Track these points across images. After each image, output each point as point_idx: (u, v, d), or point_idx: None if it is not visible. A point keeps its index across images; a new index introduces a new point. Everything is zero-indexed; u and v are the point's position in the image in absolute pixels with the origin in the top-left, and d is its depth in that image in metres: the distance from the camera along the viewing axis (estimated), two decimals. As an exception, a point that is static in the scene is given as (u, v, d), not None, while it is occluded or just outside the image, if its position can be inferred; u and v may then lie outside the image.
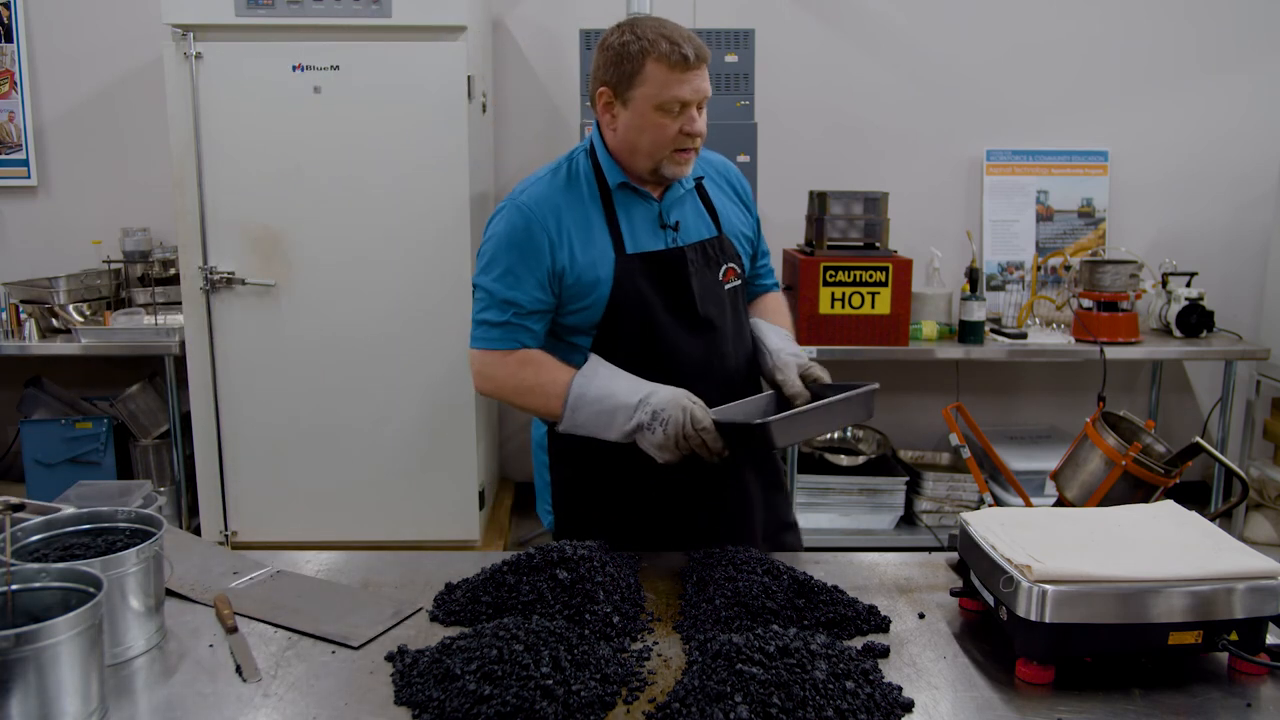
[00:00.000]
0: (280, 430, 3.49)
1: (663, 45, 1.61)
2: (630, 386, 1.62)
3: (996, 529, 1.39)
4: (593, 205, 1.73)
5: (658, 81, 1.62)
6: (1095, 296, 3.60)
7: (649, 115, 1.64)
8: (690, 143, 1.68)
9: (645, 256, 1.72)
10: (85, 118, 4.03)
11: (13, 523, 1.35)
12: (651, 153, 1.68)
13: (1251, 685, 1.25)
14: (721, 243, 1.80)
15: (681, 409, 1.56)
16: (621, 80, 1.65)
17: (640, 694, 1.22)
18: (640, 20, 1.68)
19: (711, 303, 1.76)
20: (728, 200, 1.87)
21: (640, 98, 1.64)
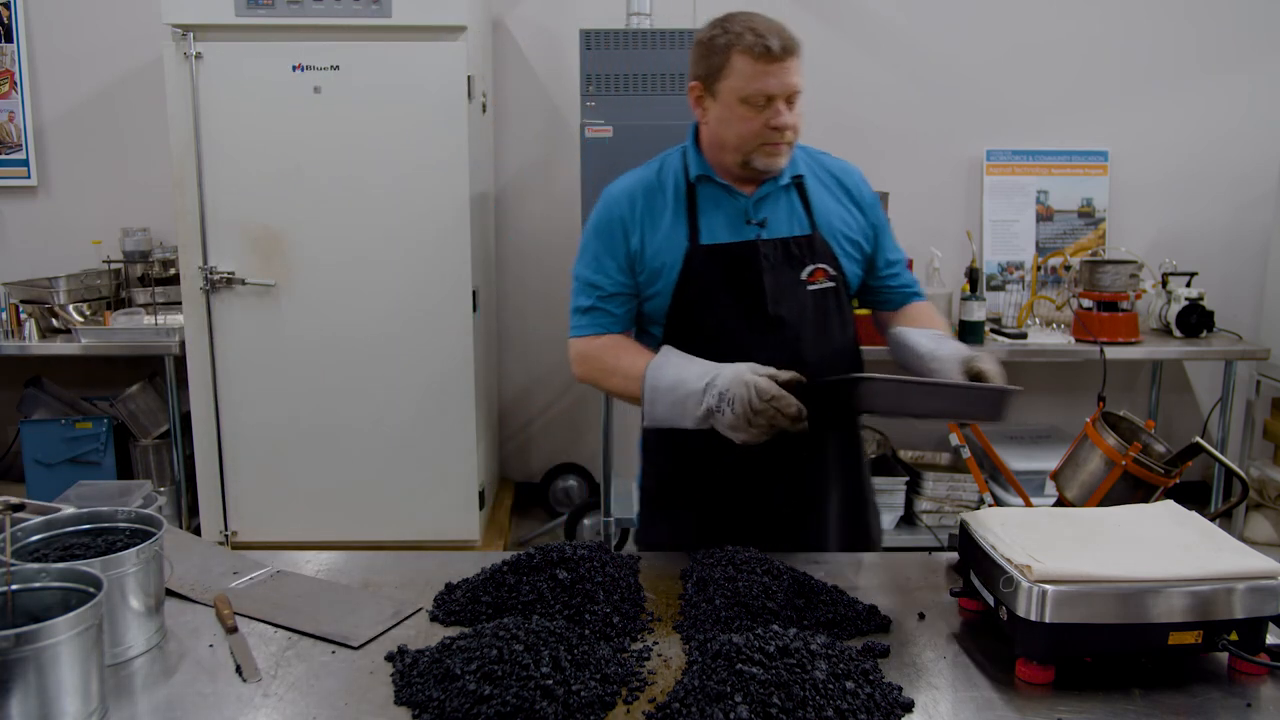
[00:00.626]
0: (280, 430, 3.49)
1: (748, 38, 1.60)
2: (699, 371, 1.56)
3: (996, 529, 1.39)
4: (676, 196, 1.75)
5: (742, 74, 1.61)
6: (1095, 296, 3.59)
7: (734, 108, 1.64)
8: (778, 136, 1.65)
9: (716, 248, 1.71)
10: (85, 118, 4.03)
11: (13, 523, 1.34)
12: (739, 146, 1.67)
13: (1251, 685, 1.25)
14: (812, 242, 1.74)
15: (745, 384, 1.48)
16: (710, 74, 1.65)
17: (640, 694, 1.22)
18: (732, 15, 1.66)
19: (787, 301, 1.71)
20: (834, 201, 1.80)
21: (726, 90, 1.64)
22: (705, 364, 1.58)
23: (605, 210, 1.78)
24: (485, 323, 3.84)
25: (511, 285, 4.24)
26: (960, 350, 1.65)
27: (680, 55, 3.22)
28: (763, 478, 1.76)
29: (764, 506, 1.78)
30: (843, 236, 1.78)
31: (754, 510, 1.78)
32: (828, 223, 1.77)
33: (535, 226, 4.18)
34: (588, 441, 4.31)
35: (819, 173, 1.81)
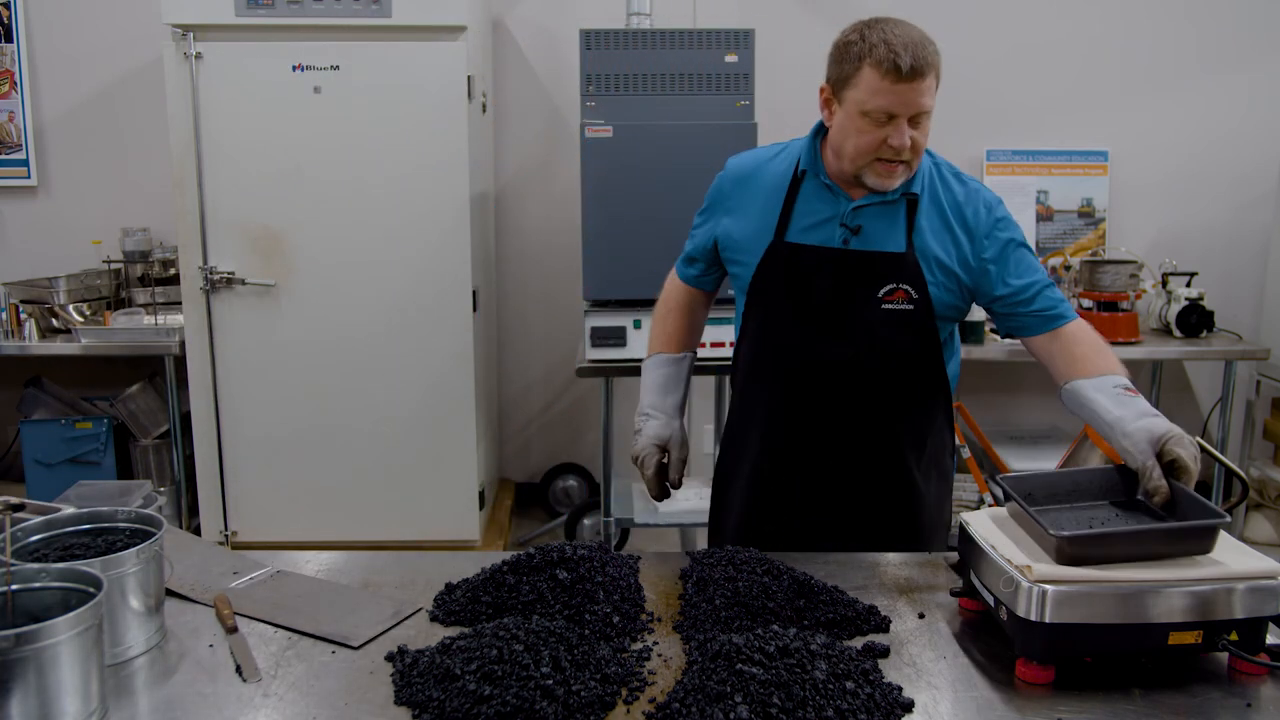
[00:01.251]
0: (280, 430, 3.49)
1: (880, 50, 1.55)
2: (652, 400, 1.87)
3: (996, 529, 1.39)
4: (779, 184, 1.77)
5: (868, 87, 1.57)
6: (1095, 296, 3.59)
7: (855, 119, 1.60)
8: (893, 154, 1.60)
9: (796, 248, 1.73)
10: (85, 118, 4.03)
11: (13, 523, 1.34)
12: (854, 158, 1.64)
13: (1251, 685, 1.25)
14: (901, 261, 1.69)
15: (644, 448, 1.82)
16: (839, 79, 1.62)
17: (640, 694, 1.22)
18: (874, 22, 1.61)
19: (856, 316, 1.70)
20: (941, 225, 1.72)
21: (851, 100, 1.60)
22: (659, 401, 1.87)
23: (719, 182, 1.87)
24: (485, 323, 3.84)
25: (511, 285, 4.24)
26: (1151, 425, 1.45)
27: (680, 55, 3.22)
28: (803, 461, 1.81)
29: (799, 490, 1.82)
30: (938, 263, 1.71)
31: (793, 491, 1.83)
32: (924, 245, 1.71)
33: (535, 226, 4.17)
34: (588, 441, 4.31)
35: (940, 195, 1.74)
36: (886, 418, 1.78)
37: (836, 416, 1.77)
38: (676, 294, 1.98)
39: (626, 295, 3.17)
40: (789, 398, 1.79)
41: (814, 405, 1.77)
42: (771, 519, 1.83)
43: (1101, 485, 1.48)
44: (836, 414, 1.77)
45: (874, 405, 1.76)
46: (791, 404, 1.79)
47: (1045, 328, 1.73)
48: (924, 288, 1.70)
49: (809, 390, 1.77)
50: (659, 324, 1.97)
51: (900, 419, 1.79)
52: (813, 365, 1.75)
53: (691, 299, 1.97)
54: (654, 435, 1.83)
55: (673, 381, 1.90)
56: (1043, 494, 1.44)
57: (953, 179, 1.78)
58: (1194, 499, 1.35)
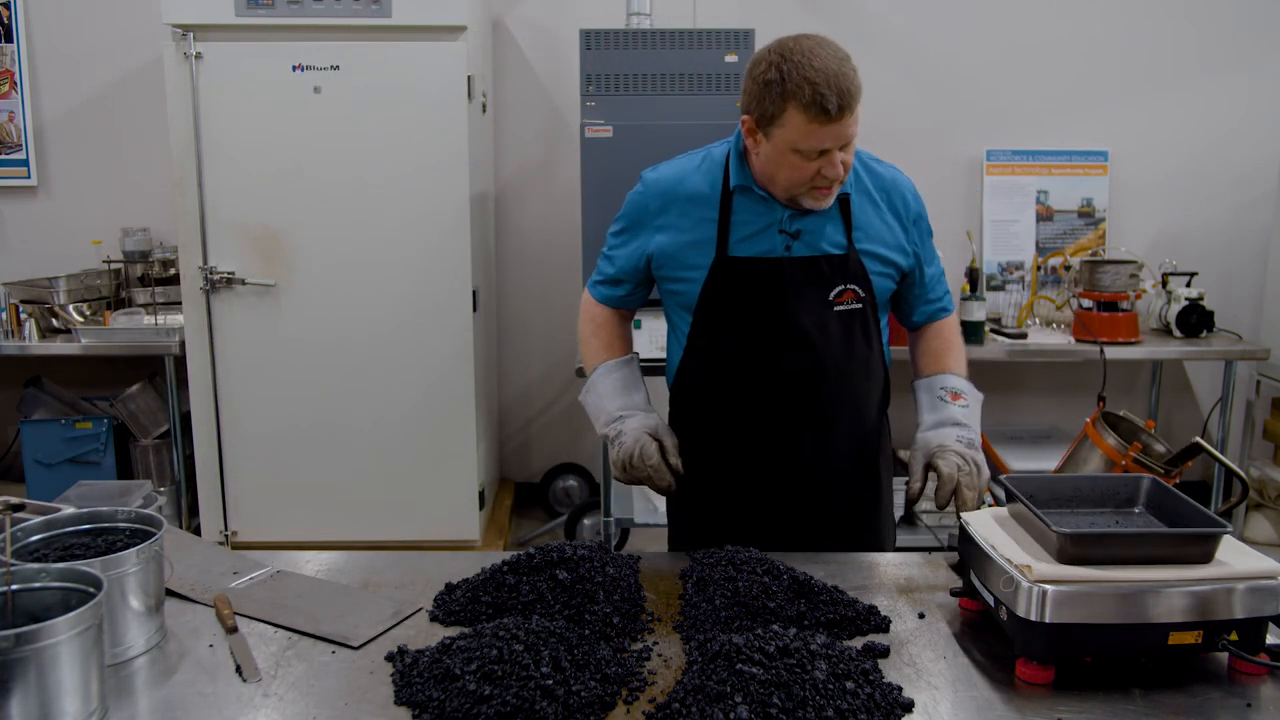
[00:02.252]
0: (280, 430, 3.49)
1: (805, 92, 1.52)
2: (622, 402, 1.79)
3: (996, 529, 1.39)
4: (711, 198, 1.73)
5: (797, 129, 1.55)
6: (1095, 296, 3.59)
7: (785, 155, 1.59)
8: (827, 184, 1.62)
9: (742, 262, 1.70)
10: (85, 118, 4.03)
11: (13, 523, 1.34)
12: (787, 187, 1.64)
13: (1251, 685, 1.25)
14: (845, 261, 1.71)
15: (636, 440, 1.71)
16: (763, 117, 1.60)
17: (640, 694, 1.22)
18: (791, 51, 1.57)
19: (810, 320, 1.70)
20: (877, 217, 1.76)
21: (779, 138, 1.59)
22: (634, 395, 1.80)
23: (640, 198, 1.80)
24: (485, 323, 3.84)
25: (511, 285, 4.24)
26: (936, 436, 1.71)
27: (680, 55, 3.22)
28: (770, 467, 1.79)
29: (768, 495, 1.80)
30: (879, 256, 1.75)
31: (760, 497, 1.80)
32: (866, 241, 1.74)
33: (535, 226, 4.18)
34: (588, 441, 4.32)
35: (867, 184, 1.77)
36: (846, 416, 1.79)
37: (798, 421, 1.76)
38: (599, 313, 1.91)
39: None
40: (748, 408, 1.76)
41: (775, 413, 1.75)
42: (736, 528, 1.78)
43: (1104, 491, 1.48)
44: (798, 419, 1.76)
45: (833, 406, 1.76)
46: (751, 414, 1.76)
47: (933, 318, 1.87)
48: (869, 284, 1.74)
49: (769, 399, 1.75)
50: (591, 341, 1.91)
51: (858, 416, 1.81)
52: (772, 374, 1.73)
53: (616, 316, 1.92)
54: (641, 426, 1.76)
55: (631, 381, 1.84)
56: (1044, 496, 1.45)
57: (874, 164, 1.80)
58: (1197, 510, 1.35)
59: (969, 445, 1.69)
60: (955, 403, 1.76)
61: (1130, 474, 1.61)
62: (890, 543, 1.92)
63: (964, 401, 1.77)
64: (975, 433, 1.74)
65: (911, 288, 1.85)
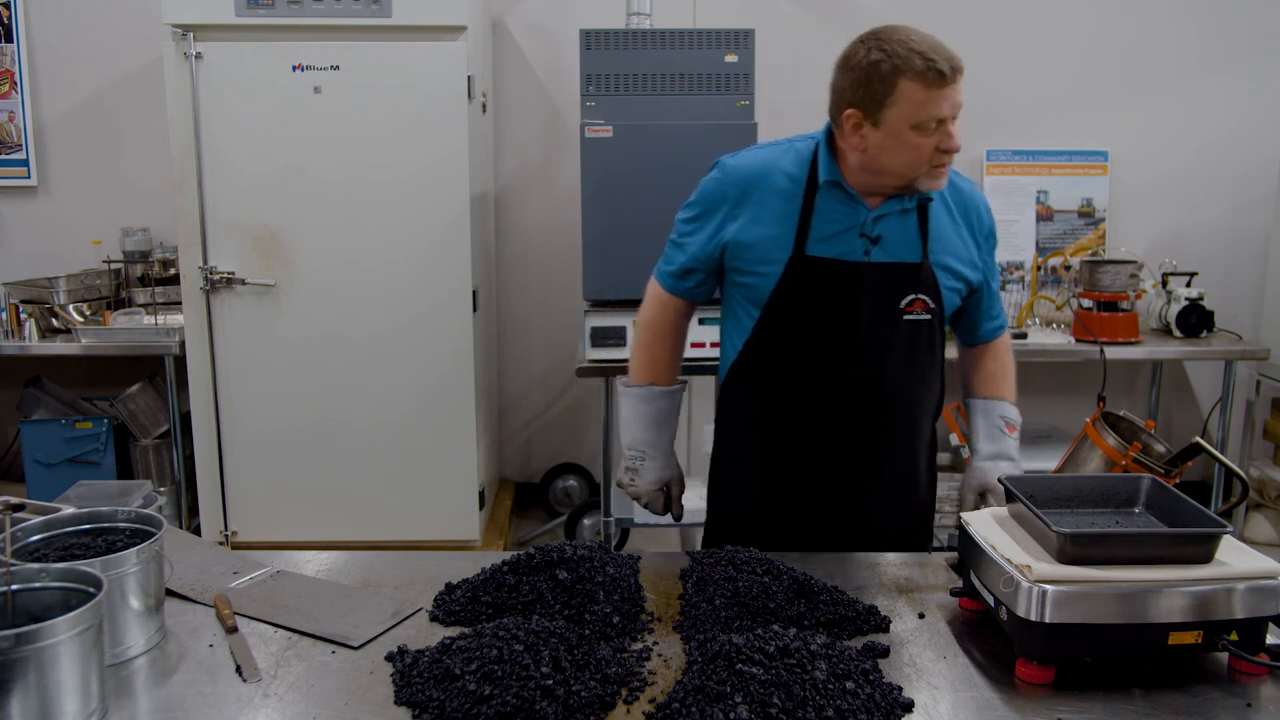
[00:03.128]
0: (280, 430, 3.49)
1: (917, 62, 1.53)
2: (649, 438, 1.84)
3: (996, 529, 1.39)
4: (794, 193, 1.70)
5: (912, 100, 1.54)
6: (1095, 296, 3.59)
7: (904, 135, 1.57)
8: (948, 159, 1.61)
9: (820, 263, 1.68)
10: (85, 118, 4.03)
11: (13, 523, 1.34)
12: (905, 172, 1.62)
13: (1251, 685, 1.25)
14: (919, 271, 1.70)
15: (647, 490, 1.84)
16: (871, 100, 1.57)
17: (640, 694, 1.22)
18: (887, 34, 1.59)
19: (880, 328, 1.69)
20: (953, 231, 1.75)
21: (893, 118, 1.56)
22: (655, 438, 1.84)
23: (719, 185, 1.75)
24: (485, 323, 3.84)
25: (511, 285, 4.24)
26: (993, 469, 1.78)
27: (680, 55, 3.22)
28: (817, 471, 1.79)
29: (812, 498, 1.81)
30: (951, 269, 1.74)
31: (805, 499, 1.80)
32: (940, 252, 1.73)
33: (535, 226, 4.18)
34: (588, 441, 4.32)
35: (946, 195, 1.75)
36: (901, 427, 1.78)
37: (852, 428, 1.75)
38: (665, 313, 1.86)
39: (626, 295, 3.17)
40: (805, 409, 1.75)
41: (830, 417, 1.74)
42: (782, 524, 1.80)
43: (1104, 491, 1.48)
44: (852, 425, 1.75)
45: (890, 416, 1.76)
46: (807, 415, 1.76)
47: (990, 336, 1.89)
48: (939, 296, 1.72)
49: (827, 402, 1.74)
50: (646, 350, 1.87)
51: (913, 427, 1.80)
52: (833, 378, 1.72)
53: (680, 316, 1.88)
54: (656, 479, 1.84)
55: (666, 417, 1.85)
56: (1045, 496, 1.45)
57: (954, 177, 1.78)
58: (1197, 510, 1.35)
59: None
60: (1011, 435, 1.81)
61: (1130, 474, 1.61)
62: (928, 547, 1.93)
63: (1016, 434, 1.83)
64: (1021, 466, 1.82)
65: (978, 304, 1.84)
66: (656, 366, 1.86)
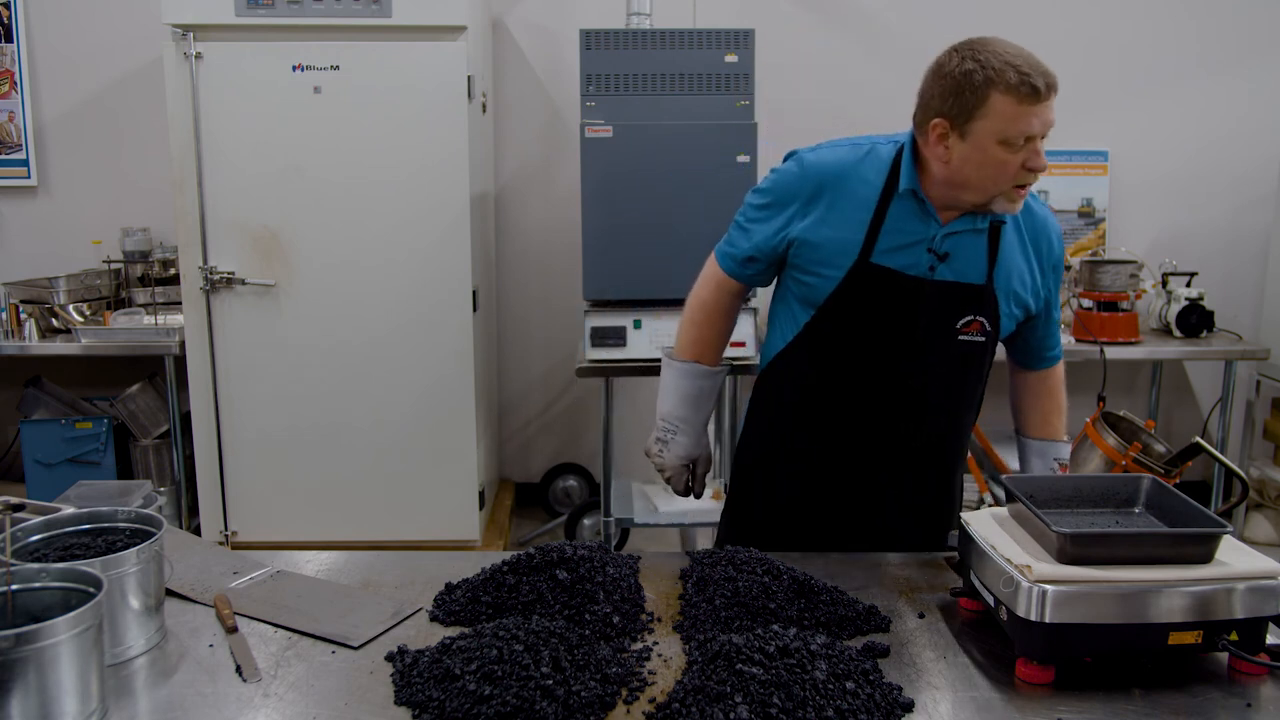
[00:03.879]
0: (280, 430, 3.49)
1: (1011, 75, 1.49)
2: (684, 413, 1.84)
3: (996, 529, 1.39)
4: (869, 199, 1.66)
5: (1004, 115, 1.51)
6: (1095, 296, 3.60)
7: (991, 150, 1.53)
8: (1032, 179, 1.58)
9: (884, 273, 1.65)
10: (85, 118, 4.03)
11: (13, 523, 1.34)
12: (986, 188, 1.58)
13: (1251, 685, 1.25)
14: (981, 293, 1.67)
15: (673, 465, 1.85)
16: (961, 111, 1.54)
17: (640, 694, 1.22)
18: (981, 45, 1.56)
19: (935, 346, 1.68)
20: (1021, 256, 1.72)
21: (982, 131, 1.53)
22: (691, 414, 1.84)
23: (795, 179, 1.71)
24: (485, 323, 3.84)
25: (511, 285, 4.24)
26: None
27: (680, 55, 3.22)
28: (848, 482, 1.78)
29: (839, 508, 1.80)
30: (1014, 295, 1.72)
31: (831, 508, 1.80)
32: (1005, 277, 1.70)
33: (535, 226, 4.18)
34: (588, 441, 4.31)
35: (1020, 220, 1.72)
36: (938, 440, 1.78)
37: (887, 442, 1.74)
38: (720, 295, 1.83)
39: (626, 295, 3.18)
40: (844, 417, 1.74)
41: (869, 428, 1.73)
42: (801, 522, 1.80)
43: (1104, 492, 1.48)
44: (888, 440, 1.74)
45: (928, 435, 1.76)
46: (845, 423, 1.74)
47: (1043, 365, 1.90)
48: (997, 320, 1.70)
49: (868, 413, 1.72)
50: (696, 328, 1.85)
51: (949, 443, 1.81)
52: (878, 388, 1.71)
53: (734, 299, 1.85)
54: (684, 453, 1.84)
55: (706, 396, 1.84)
56: (1045, 496, 1.45)
57: (1030, 200, 1.73)
58: (1197, 510, 1.35)
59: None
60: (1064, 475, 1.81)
61: (1130, 474, 1.61)
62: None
63: (1068, 474, 1.83)
64: None
65: (1035, 331, 1.83)
66: (703, 345, 1.85)
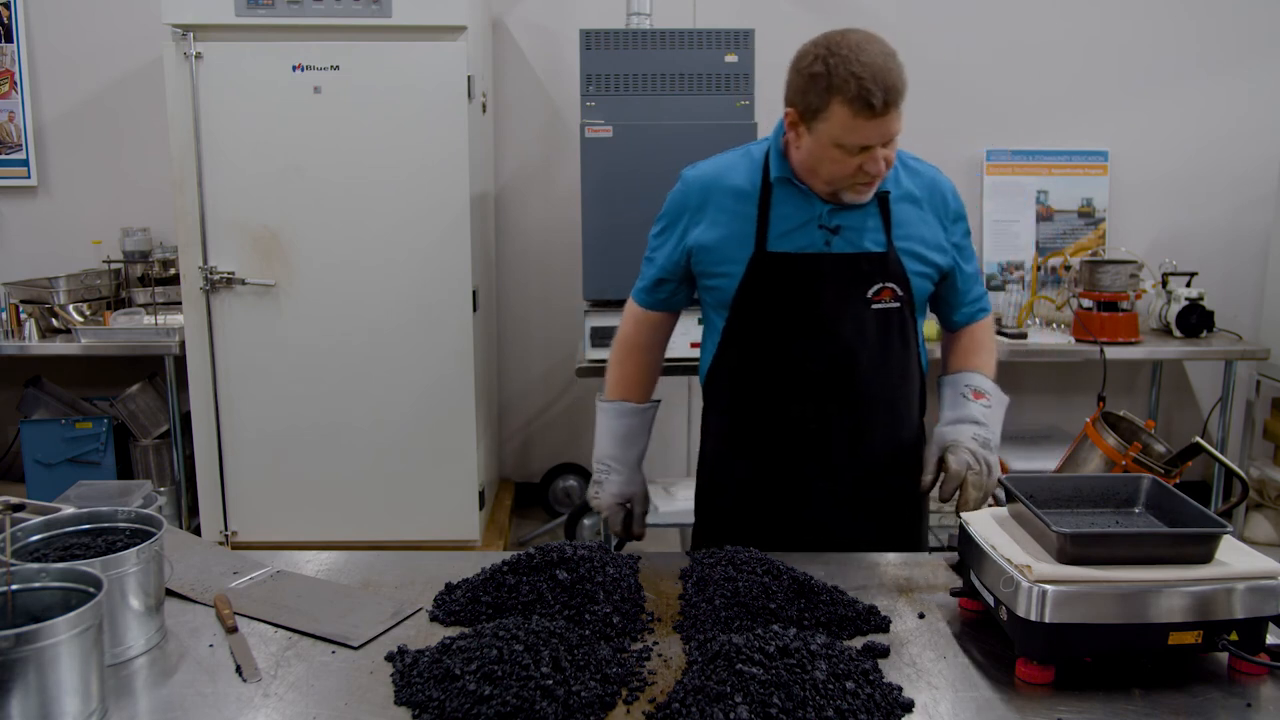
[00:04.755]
0: (280, 430, 3.49)
1: (851, 87, 1.51)
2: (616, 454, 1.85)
3: (996, 529, 1.39)
4: (750, 194, 1.72)
5: (841, 124, 1.54)
6: (1095, 296, 3.59)
7: (828, 149, 1.58)
8: (869, 179, 1.62)
9: (781, 258, 1.69)
10: (85, 118, 4.03)
11: (13, 523, 1.34)
12: (829, 181, 1.64)
13: (1251, 685, 1.25)
14: (884, 259, 1.70)
15: (609, 506, 1.84)
16: (807, 110, 1.58)
17: (640, 694, 1.22)
18: (838, 46, 1.56)
19: (847, 319, 1.70)
20: (917, 216, 1.75)
21: (822, 131, 1.57)
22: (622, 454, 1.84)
23: (681, 195, 1.79)
24: (485, 323, 3.84)
25: (511, 285, 4.24)
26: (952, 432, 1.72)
27: (680, 55, 3.22)
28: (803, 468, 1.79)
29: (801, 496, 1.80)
30: (918, 255, 1.74)
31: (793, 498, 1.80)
32: (906, 239, 1.73)
33: (535, 226, 4.18)
34: (588, 441, 4.29)
35: (907, 183, 1.75)
36: (881, 417, 1.78)
37: (832, 420, 1.76)
38: (639, 328, 1.89)
39: (626, 295, 3.17)
40: (782, 405, 1.76)
41: (809, 411, 1.75)
42: (768, 520, 1.81)
43: (1104, 491, 1.48)
44: (832, 418, 1.75)
45: (868, 405, 1.76)
46: (785, 411, 1.76)
47: (969, 319, 1.88)
48: (907, 283, 1.73)
49: (803, 396, 1.74)
50: (620, 366, 1.89)
51: (894, 417, 1.80)
52: (807, 372, 1.73)
53: (654, 331, 1.90)
54: (617, 493, 1.84)
55: (636, 433, 1.86)
56: (1045, 496, 1.45)
57: (915, 164, 1.80)
58: (1197, 510, 1.35)
59: (983, 445, 1.69)
60: (977, 401, 1.76)
61: (1130, 474, 1.61)
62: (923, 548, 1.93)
63: (986, 401, 1.77)
64: (994, 433, 1.73)
65: (952, 288, 1.84)
66: (628, 383, 1.88)
